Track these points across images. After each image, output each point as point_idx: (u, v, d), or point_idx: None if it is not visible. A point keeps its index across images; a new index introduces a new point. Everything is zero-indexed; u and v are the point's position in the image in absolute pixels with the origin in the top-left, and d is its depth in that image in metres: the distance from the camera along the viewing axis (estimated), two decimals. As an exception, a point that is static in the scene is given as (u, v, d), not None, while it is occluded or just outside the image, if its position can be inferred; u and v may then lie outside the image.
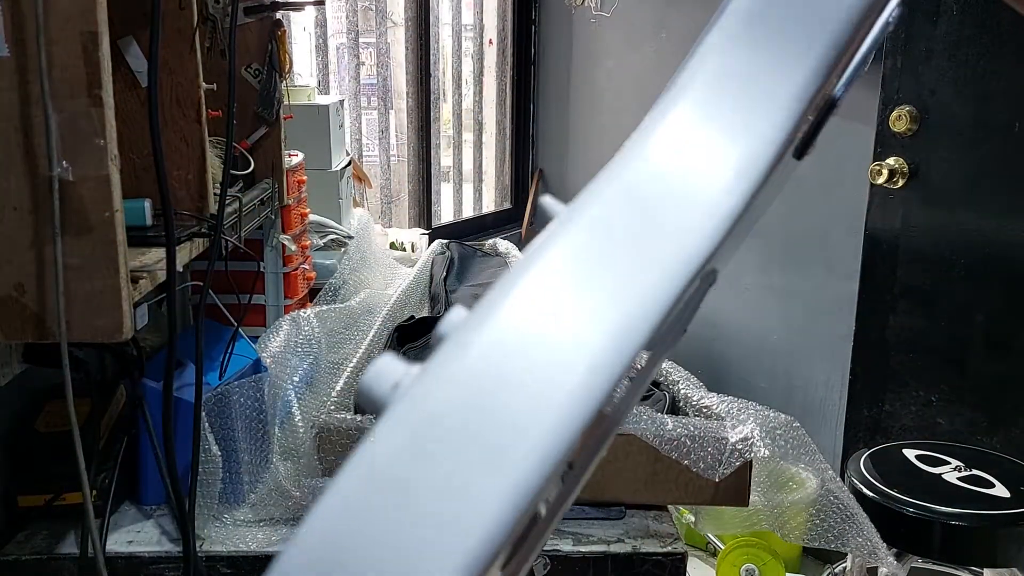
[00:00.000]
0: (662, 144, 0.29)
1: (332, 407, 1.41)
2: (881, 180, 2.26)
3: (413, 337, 1.85)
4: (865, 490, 1.78)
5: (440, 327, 0.27)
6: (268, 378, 1.42)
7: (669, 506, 1.43)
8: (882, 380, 2.38)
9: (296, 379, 1.53)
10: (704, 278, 0.26)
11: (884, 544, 1.50)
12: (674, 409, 1.54)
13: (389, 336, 1.77)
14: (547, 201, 0.33)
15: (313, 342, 1.62)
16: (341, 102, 2.10)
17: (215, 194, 1.32)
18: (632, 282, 0.24)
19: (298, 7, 1.69)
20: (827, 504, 1.46)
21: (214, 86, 1.31)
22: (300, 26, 2.41)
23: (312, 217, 1.90)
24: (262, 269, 1.66)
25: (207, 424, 1.30)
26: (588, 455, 0.25)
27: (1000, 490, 1.78)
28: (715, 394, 1.53)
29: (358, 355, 1.62)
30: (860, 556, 1.49)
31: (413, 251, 2.50)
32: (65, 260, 0.97)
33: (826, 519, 1.46)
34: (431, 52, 2.88)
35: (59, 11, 0.92)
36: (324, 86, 2.49)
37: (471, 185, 3.24)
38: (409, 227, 2.87)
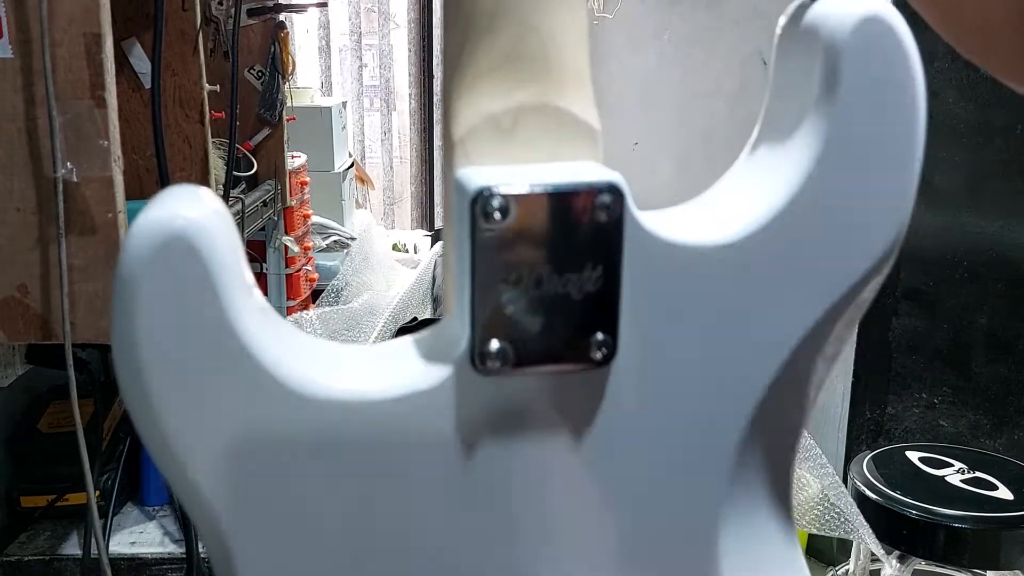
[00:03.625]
0: None
1: (334, 408, 1.41)
2: (884, 182, 2.26)
3: (415, 339, 1.85)
4: (868, 492, 1.77)
5: None
6: (271, 379, 1.42)
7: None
8: (885, 382, 2.38)
9: (299, 380, 1.53)
10: None
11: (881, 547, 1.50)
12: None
13: (392, 338, 1.77)
14: None
15: (316, 343, 1.62)
16: (344, 104, 2.11)
17: (218, 195, 1.32)
18: None
19: (301, 9, 1.70)
20: (827, 508, 1.46)
21: (217, 88, 1.31)
22: (303, 28, 2.41)
23: (315, 218, 1.90)
24: (265, 270, 1.66)
25: (210, 425, 1.30)
26: None
27: (1003, 492, 1.77)
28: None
29: (360, 356, 1.62)
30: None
31: (416, 252, 2.50)
32: (69, 261, 0.97)
33: (827, 523, 1.46)
34: (434, 54, 2.88)
35: (62, 13, 0.92)
36: (327, 88, 2.50)
37: (473, 187, 3.23)
38: (412, 229, 2.86)
